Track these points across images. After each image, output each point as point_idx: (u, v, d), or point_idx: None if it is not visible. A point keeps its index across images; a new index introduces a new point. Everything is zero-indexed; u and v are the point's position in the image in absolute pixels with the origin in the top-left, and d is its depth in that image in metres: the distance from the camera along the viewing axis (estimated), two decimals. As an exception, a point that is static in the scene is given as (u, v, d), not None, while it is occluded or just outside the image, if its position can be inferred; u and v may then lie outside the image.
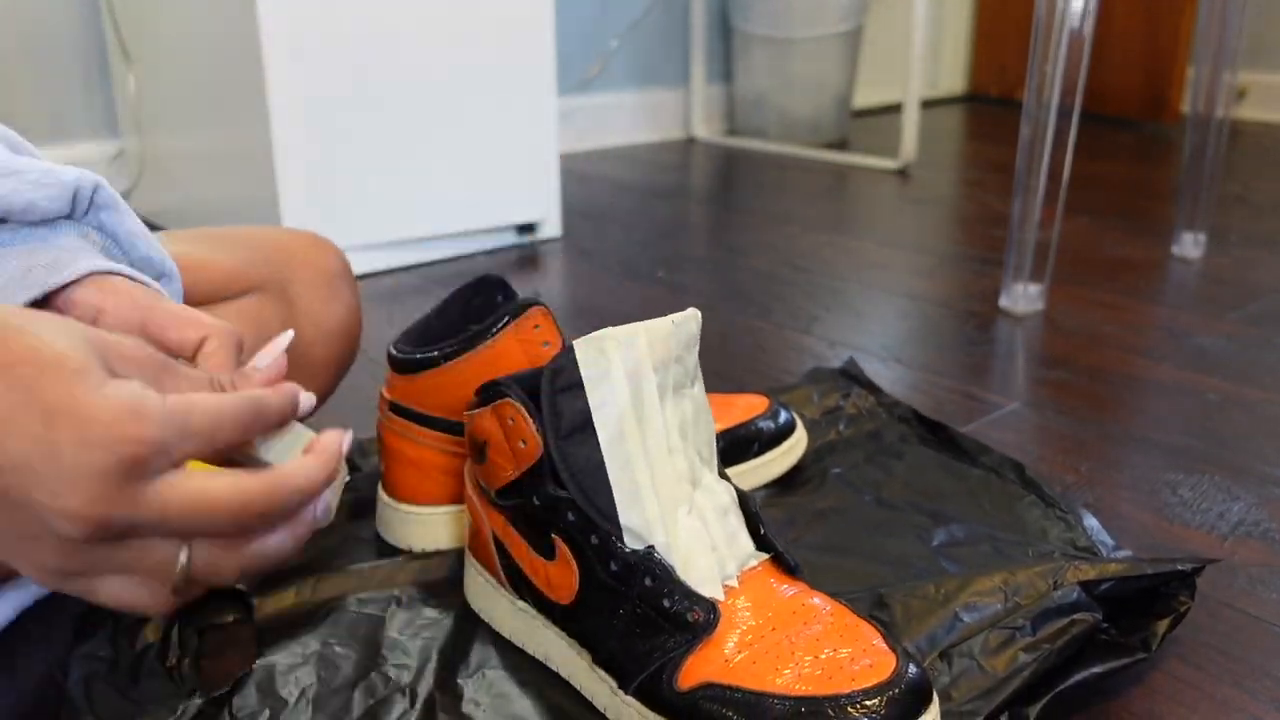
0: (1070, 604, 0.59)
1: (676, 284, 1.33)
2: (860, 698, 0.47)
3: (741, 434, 0.78)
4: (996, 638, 0.58)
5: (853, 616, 0.53)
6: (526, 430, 0.55)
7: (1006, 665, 0.56)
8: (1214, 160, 1.41)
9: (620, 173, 2.06)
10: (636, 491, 0.54)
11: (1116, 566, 0.62)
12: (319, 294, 0.73)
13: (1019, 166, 1.16)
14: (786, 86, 2.32)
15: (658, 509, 0.54)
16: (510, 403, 0.55)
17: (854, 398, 0.92)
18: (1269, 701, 0.58)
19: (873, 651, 0.50)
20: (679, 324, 0.57)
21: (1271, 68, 2.56)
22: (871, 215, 1.74)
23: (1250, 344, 1.12)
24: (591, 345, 0.54)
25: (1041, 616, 0.58)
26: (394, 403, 0.70)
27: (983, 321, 1.20)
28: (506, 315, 0.68)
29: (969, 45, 2.98)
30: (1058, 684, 0.56)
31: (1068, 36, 1.09)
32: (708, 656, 0.51)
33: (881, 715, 0.47)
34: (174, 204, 1.58)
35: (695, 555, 0.54)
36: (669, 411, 0.55)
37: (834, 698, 0.48)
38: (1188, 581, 0.61)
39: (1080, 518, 0.72)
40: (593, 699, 0.56)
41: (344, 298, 0.75)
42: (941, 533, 0.72)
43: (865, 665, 0.49)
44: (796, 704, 0.48)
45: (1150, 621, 0.60)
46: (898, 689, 0.48)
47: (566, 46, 2.20)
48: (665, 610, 0.52)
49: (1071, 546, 0.69)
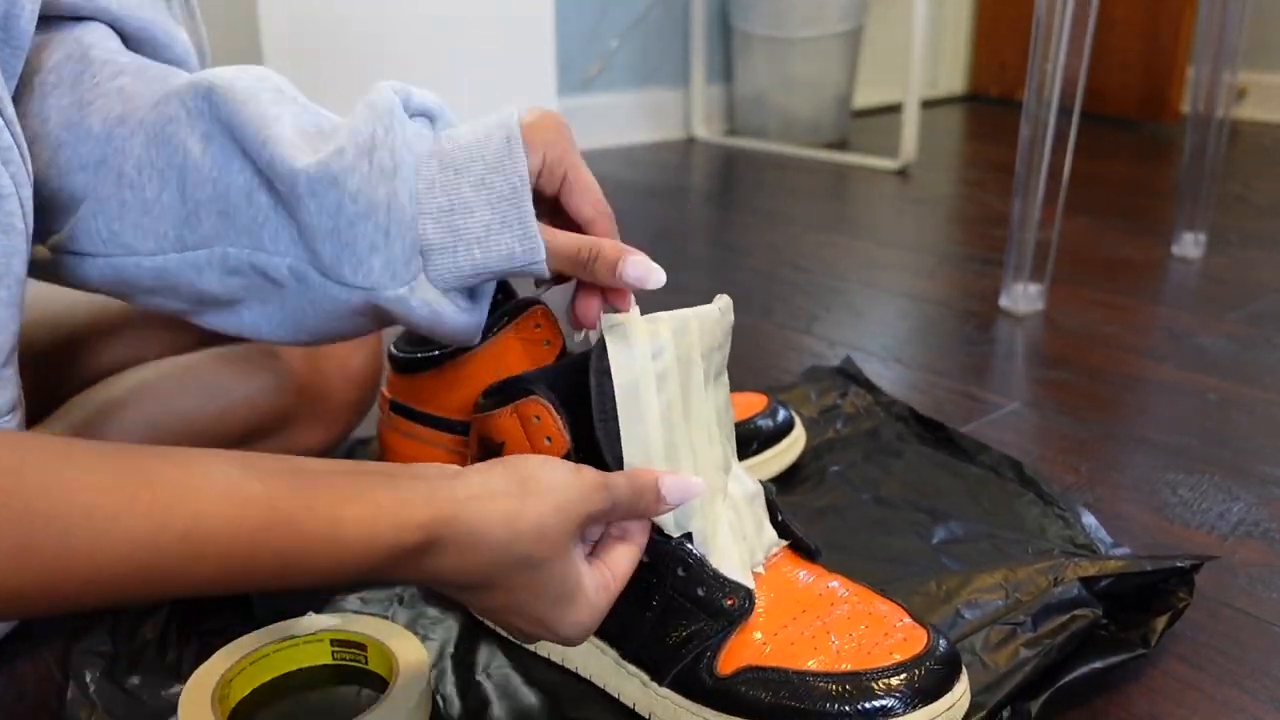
0: (1071, 600, 0.59)
1: (676, 284, 1.33)
2: (899, 671, 0.49)
3: (740, 432, 0.78)
4: (998, 633, 0.58)
5: (876, 597, 0.55)
6: (553, 427, 0.54)
7: (1008, 660, 0.56)
8: (1214, 160, 1.41)
9: (620, 173, 2.06)
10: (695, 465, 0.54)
11: (1116, 563, 0.62)
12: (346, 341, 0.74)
13: (1019, 166, 1.16)
14: (786, 86, 2.32)
15: (699, 498, 0.54)
16: (537, 400, 0.54)
17: (851, 396, 0.92)
18: (1269, 701, 0.58)
19: (904, 629, 0.52)
20: (724, 311, 0.56)
21: (1271, 68, 2.56)
22: (871, 215, 1.74)
23: (1250, 344, 1.12)
24: (644, 327, 0.53)
25: (1042, 612, 0.59)
26: (395, 402, 0.70)
27: (983, 321, 1.20)
28: (507, 314, 0.68)
29: (969, 45, 2.98)
30: (1059, 678, 0.56)
31: (1068, 36, 1.09)
32: (744, 641, 0.52)
33: (919, 686, 0.49)
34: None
35: (730, 543, 0.54)
36: (710, 399, 0.55)
37: (874, 671, 0.50)
38: (1186, 578, 0.62)
39: (1078, 515, 0.72)
40: (620, 695, 0.56)
41: (369, 343, 0.75)
42: (941, 530, 0.72)
43: (899, 640, 0.51)
44: (840, 679, 0.50)
45: (1149, 618, 0.60)
46: (932, 661, 0.50)
47: (566, 46, 2.20)
48: (699, 598, 0.52)
49: (1070, 544, 0.69)
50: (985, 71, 2.95)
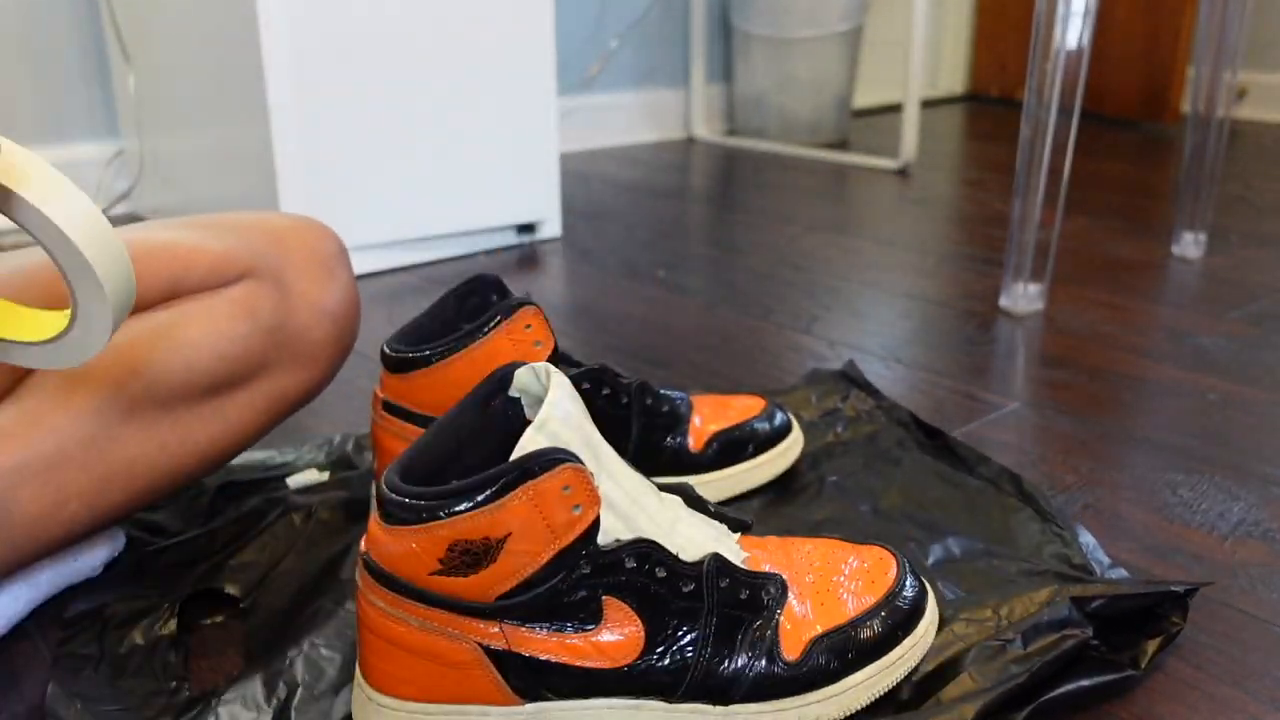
0: (1061, 620, 0.59)
1: (676, 284, 1.33)
2: (906, 582, 0.58)
3: (737, 435, 0.78)
4: (987, 650, 0.58)
5: (834, 540, 0.61)
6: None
7: (996, 675, 0.56)
8: (1214, 160, 1.41)
9: (620, 173, 2.06)
10: (637, 505, 0.53)
11: (1109, 586, 0.62)
12: (314, 277, 0.72)
13: (1019, 166, 1.16)
14: (786, 86, 2.32)
15: (655, 520, 0.54)
16: (577, 468, 0.49)
17: (853, 400, 0.92)
18: (1269, 701, 0.58)
19: (875, 553, 0.60)
20: None
21: (1271, 68, 2.56)
22: (871, 215, 1.74)
23: (1250, 344, 1.12)
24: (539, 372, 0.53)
25: (1032, 630, 0.59)
26: (388, 401, 0.70)
27: (983, 321, 1.20)
28: (498, 315, 0.68)
29: (969, 45, 2.98)
30: (1044, 694, 0.56)
31: (1068, 36, 1.09)
32: (789, 621, 0.55)
33: (921, 588, 0.59)
34: (174, 204, 1.58)
35: (712, 544, 0.54)
36: None
37: (892, 593, 0.57)
38: (1180, 603, 0.61)
39: (1076, 534, 0.71)
40: None
41: (340, 279, 0.74)
42: (938, 548, 0.71)
43: (878, 559, 0.60)
44: (876, 611, 0.56)
45: (1140, 639, 0.60)
46: (916, 572, 0.60)
47: (566, 46, 2.20)
48: (743, 602, 0.53)
49: (1067, 564, 0.68)
50: (985, 71, 2.95)
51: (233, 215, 0.73)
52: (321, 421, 0.94)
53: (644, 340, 1.13)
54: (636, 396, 0.74)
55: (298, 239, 0.73)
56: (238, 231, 0.70)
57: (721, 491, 0.78)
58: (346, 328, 0.74)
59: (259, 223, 0.72)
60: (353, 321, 0.75)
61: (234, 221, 0.72)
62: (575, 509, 0.49)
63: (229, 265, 0.68)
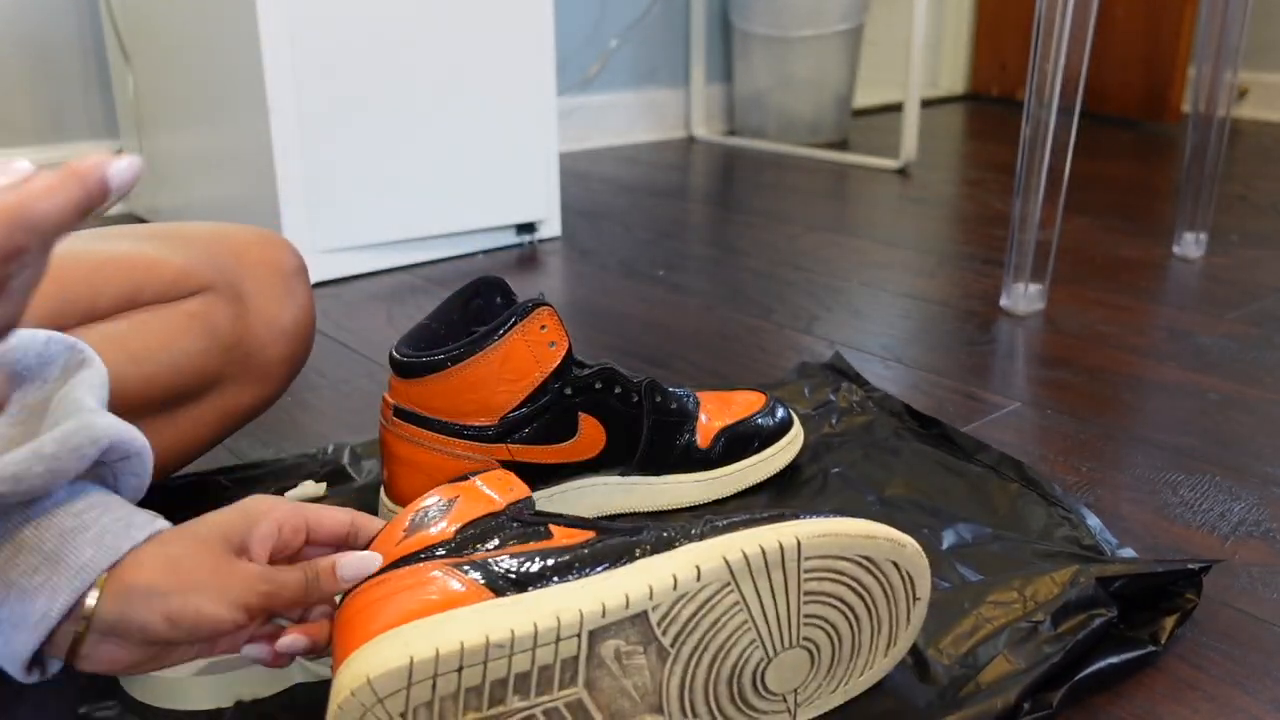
0: (1088, 598, 0.61)
1: (676, 284, 1.33)
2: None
3: (741, 431, 0.78)
4: (1019, 632, 0.60)
5: None
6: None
7: (1031, 656, 0.58)
8: (1214, 160, 1.41)
9: (620, 172, 2.06)
10: None
11: (1129, 565, 0.64)
12: (273, 293, 0.72)
13: (1019, 166, 1.16)
14: (786, 86, 2.32)
15: None
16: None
17: (843, 391, 0.93)
18: (1269, 701, 0.58)
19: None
20: None
21: (1271, 68, 2.56)
22: (871, 215, 1.74)
23: (1250, 344, 1.12)
24: None
25: (1061, 611, 0.60)
26: (399, 407, 0.69)
27: (983, 321, 1.20)
28: (514, 316, 0.67)
29: (969, 45, 2.98)
30: (1076, 673, 0.57)
31: (1068, 36, 1.09)
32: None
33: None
34: (173, 204, 1.58)
35: None
36: None
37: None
38: (1195, 579, 0.63)
39: (1083, 517, 0.72)
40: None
41: (298, 296, 0.74)
42: (950, 534, 0.72)
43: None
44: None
45: (1159, 617, 0.62)
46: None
47: (566, 46, 2.20)
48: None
49: (1077, 545, 0.70)
50: (985, 71, 2.95)
51: (195, 226, 0.73)
52: (320, 421, 0.94)
53: (644, 340, 1.13)
54: (647, 394, 0.74)
55: (259, 254, 0.73)
56: (199, 244, 0.71)
57: (728, 487, 0.78)
58: (301, 345, 0.75)
59: (221, 236, 0.73)
60: (308, 339, 0.76)
61: (196, 233, 0.72)
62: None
63: (188, 279, 0.68)
